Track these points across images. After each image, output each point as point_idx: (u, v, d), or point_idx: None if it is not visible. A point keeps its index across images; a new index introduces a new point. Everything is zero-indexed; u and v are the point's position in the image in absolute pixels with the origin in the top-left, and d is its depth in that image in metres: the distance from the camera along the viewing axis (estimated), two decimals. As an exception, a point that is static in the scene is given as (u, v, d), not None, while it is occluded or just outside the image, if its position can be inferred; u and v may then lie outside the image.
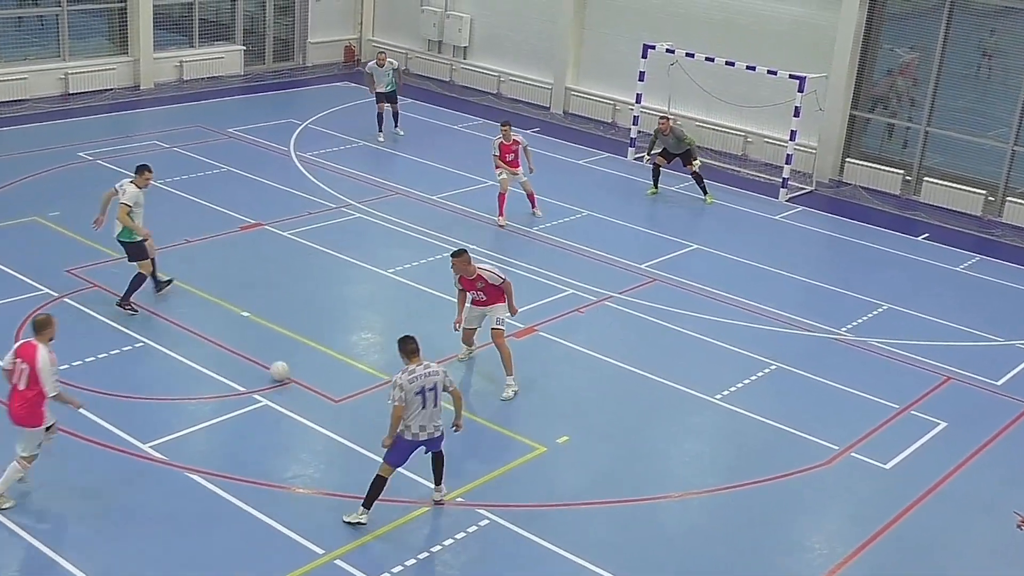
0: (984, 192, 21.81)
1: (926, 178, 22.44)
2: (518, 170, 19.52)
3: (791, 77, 21.65)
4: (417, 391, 10.66)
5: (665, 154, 21.52)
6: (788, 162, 22.02)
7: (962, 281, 18.81)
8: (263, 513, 11.04)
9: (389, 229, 18.68)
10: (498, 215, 19.25)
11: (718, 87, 24.18)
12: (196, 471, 11.57)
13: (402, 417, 10.68)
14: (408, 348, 10.81)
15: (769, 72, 22.04)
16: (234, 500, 11.21)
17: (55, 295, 15.09)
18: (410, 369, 10.69)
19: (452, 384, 10.95)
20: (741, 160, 24.31)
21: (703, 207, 21.21)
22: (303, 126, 24.12)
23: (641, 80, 23.67)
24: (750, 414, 13.70)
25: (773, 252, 19.05)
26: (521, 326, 15.22)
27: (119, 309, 14.72)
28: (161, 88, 26.22)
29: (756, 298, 17.05)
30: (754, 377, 14.63)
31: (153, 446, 11.99)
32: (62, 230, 17.34)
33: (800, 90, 21.47)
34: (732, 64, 22.50)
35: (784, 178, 22.20)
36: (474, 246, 17.97)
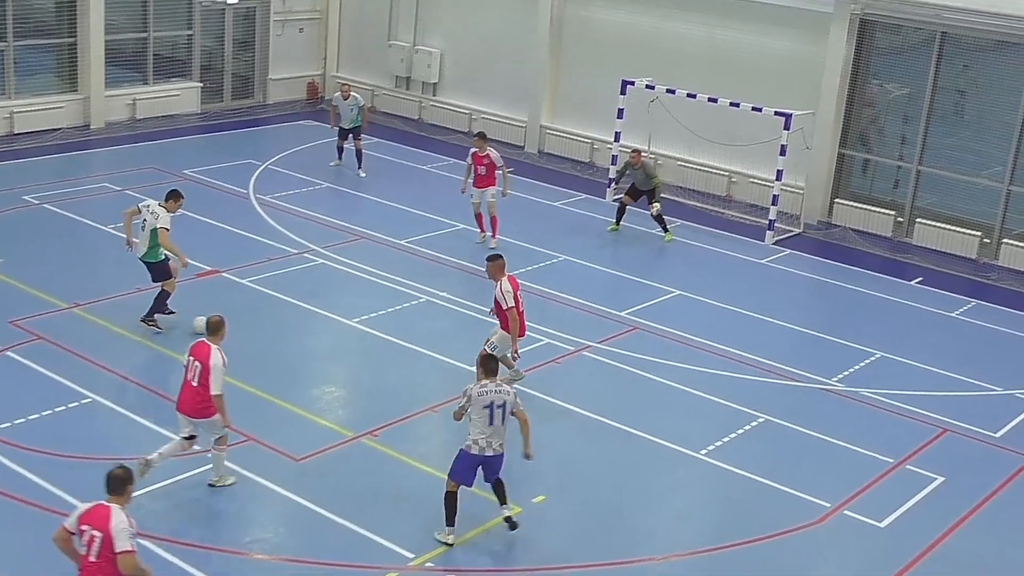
0: (979, 234, 22.04)
1: (919, 219, 22.66)
2: (487, 189, 20.21)
3: (777, 114, 21.88)
4: (485, 405, 11.62)
5: (632, 191, 21.72)
6: (774, 203, 22.20)
7: (958, 327, 18.95)
8: (219, 581, 10.94)
9: (354, 276, 18.67)
10: (480, 232, 20.50)
11: (701, 125, 24.41)
12: (146, 536, 11.44)
13: (460, 418, 11.74)
14: (488, 367, 11.80)
15: (754, 109, 22.26)
16: (188, 568, 11.09)
17: (-3, 348, 15.01)
18: (484, 383, 11.71)
19: (520, 408, 11.81)
20: (725, 201, 24.49)
21: (683, 251, 21.32)
22: (263, 167, 24.15)
23: (620, 117, 23.87)
24: (737, 470, 13.70)
25: (759, 298, 19.15)
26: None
27: (143, 324, 15.86)
28: (113, 127, 26.22)
29: (742, 347, 17.11)
30: (741, 431, 14.65)
31: (101, 510, 11.84)
32: (5, 279, 17.24)
33: (786, 127, 21.70)
34: (715, 101, 22.73)
35: (770, 220, 22.36)
36: (445, 293, 18.02)
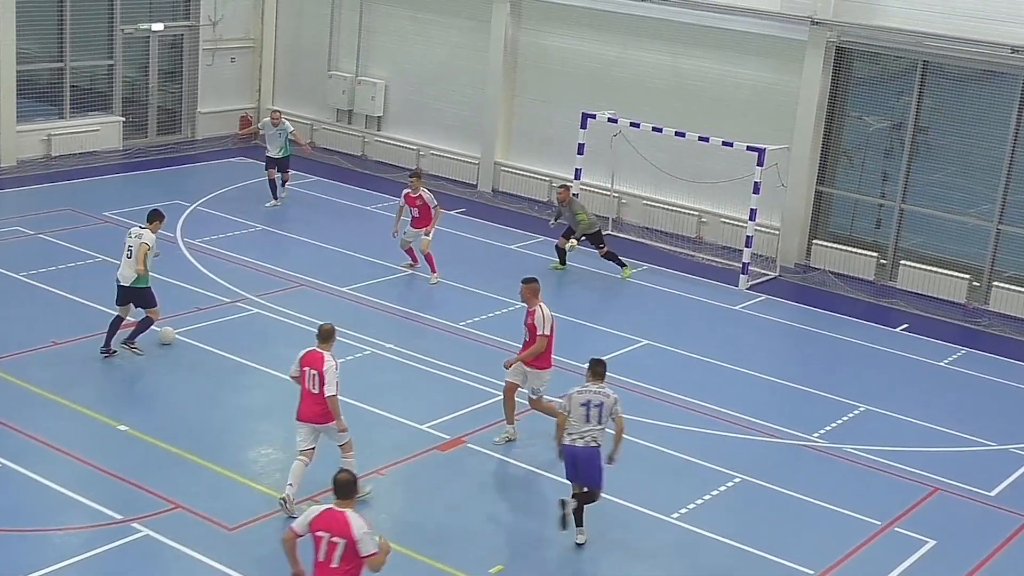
0: (968, 276, 22.29)
1: (903, 261, 22.90)
2: (420, 229, 20.73)
3: (749, 149, 22.09)
4: (582, 403, 13.01)
5: (569, 232, 21.90)
6: (748, 245, 22.36)
7: (947, 377, 19.10)
8: (143, 665, 10.75)
9: (292, 327, 18.56)
10: (411, 263, 21.07)
11: (667, 161, 24.59)
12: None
13: (564, 428, 12.95)
14: (596, 371, 13.30)
15: (724, 144, 22.47)
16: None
17: None
18: (587, 385, 13.19)
19: (620, 414, 13.03)
20: (695, 243, 24.64)
21: (650, 296, 21.40)
22: (192, 208, 24.03)
23: (580, 153, 24.01)
24: (712, 535, 13.68)
25: (733, 347, 19.22)
26: (447, 437, 15.13)
27: (124, 347, 16.79)
28: (25, 166, 26.03)
29: (715, 400, 17.14)
30: (715, 492, 14.64)
31: (11, 588, 11.66)
32: (-95, 332, 17.02)
33: (759, 163, 21.90)
34: (682, 135, 22.93)
35: (744, 263, 22.51)
36: (391, 345, 17.96)
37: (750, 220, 22.31)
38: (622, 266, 22.01)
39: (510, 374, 15.15)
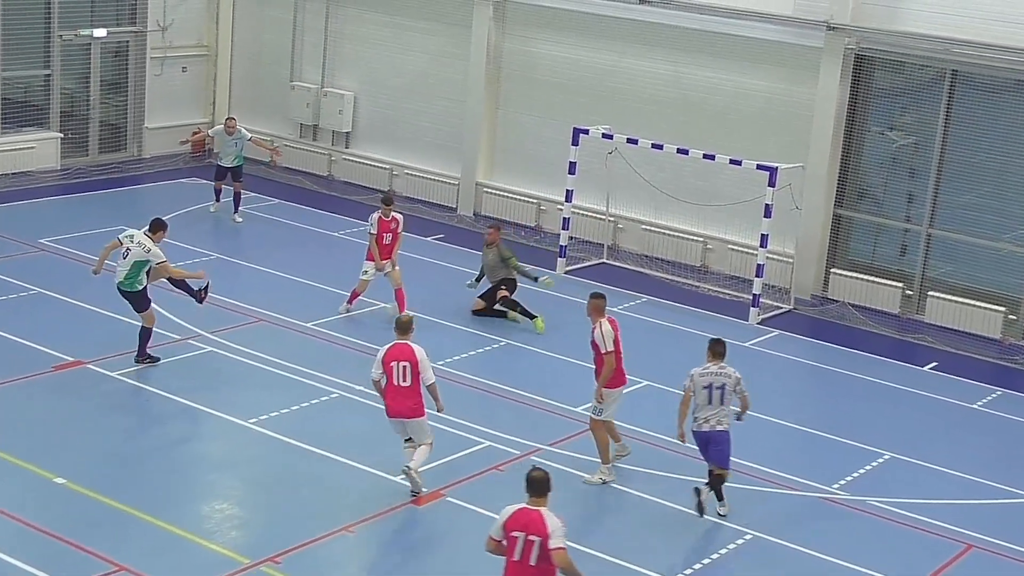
0: (1003, 309, 22.36)
1: (931, 292, 22.97)
2: (387, 261, 20.70)
3: (759, 168, 22.18)
4: (705, 386, 14.82)
5: (498, 285, 21.37)
6: (759, 274, 22.42)
7: (980, 421, 19.14)
8: None
9: (251, 366, 18.53)
10: (347, 302, 20.84)
11: (669, 181, 24.67)
12: None
13: (688, 409, 14.83)
14: (716, 351, 15.14)
15: (732, 162, 22.56)
16: None
17: None
18: (707, 366, 14.95)
19: (744, 392, 14.98)
20: (700, 273, 24.69)
21: (650, 332, 21.41)
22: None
23: (572, 173, 24.07)
24: (721, 599, 13.69)
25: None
26: (425, 491, 15.09)
27: (139, 365, 17.82)
28: (-48, 187, 26.06)
29: (724, 448, 17.14)
30: (724, 551, 14.62)
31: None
32: None
33: (771, 184, 21.98)
34: (685, 152, 23.02)
35: (755, 295, 22.55)
36: (360, 387, 17.92)
37: (761, 247, 22.37)
38: (531, 318, 21.06)
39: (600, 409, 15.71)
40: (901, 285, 23.30)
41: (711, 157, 22.80)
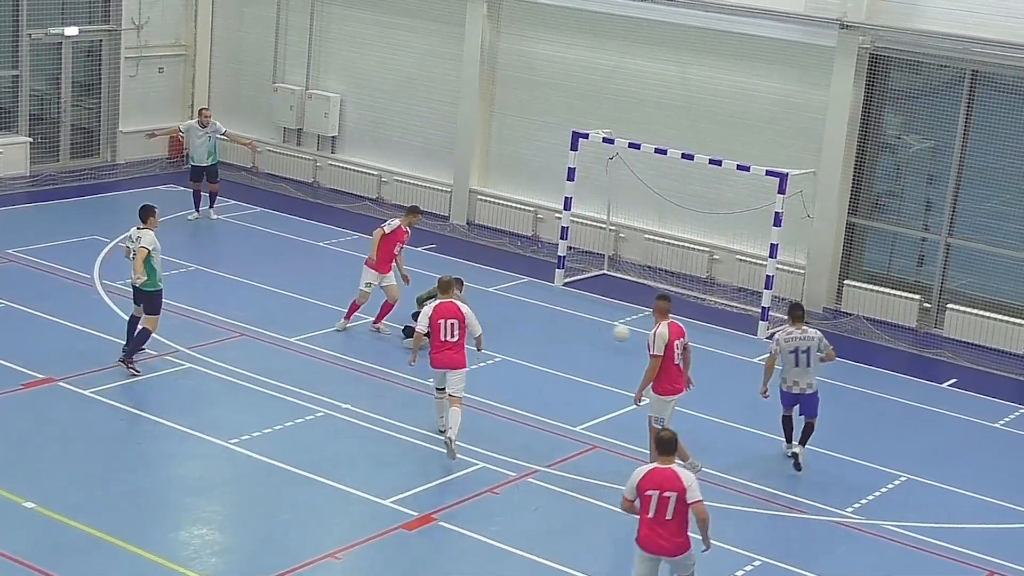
0: (1026, 322, 22.45)
1: (950, 305, 23.02)
2: (388, 273, 20.73)
3: (769, 174, 22.24)
4: (791, 350, 16.94)
5: None
6: (768, 286, 22.47)
7: (1002, 441, 19.19)
8: None
9: (232, 384, 18.56)
10: (344, 318, 20.82)
11: (673, 188, 24.73)
12: None
13: (772, 369, 17.09)
14: (797, 314, 17.20)
15: (740, 168, 22.62)
16: None
17: None
18: (789, 330, 17.04)
19: (829, 347, 17.12)
20: (706, 284, 24.74)
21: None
22: (112, 245, 24.04)
23: (571, 179, 24.13)
24: (728, 628, 13.75)
25: (750, 406, 19.23)
26: (414, 514, 15.14)
27: (122, 365, 18.23)
28: (-85, 195, 26.11)
29: (731, 470, 17.18)
30: (732, 577, 14.70)
31: None
32: None
33: (781, 191, 22.05)
34: (690, 158, 23.06)
35: (764, 307, 22.61)
36: (348, 405, 17.98)
37: (770, 257, 22.41)
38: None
39: (650, 409, 16.38)
40: (918, 297, 23.34)
41: (718, 163, 22.86)
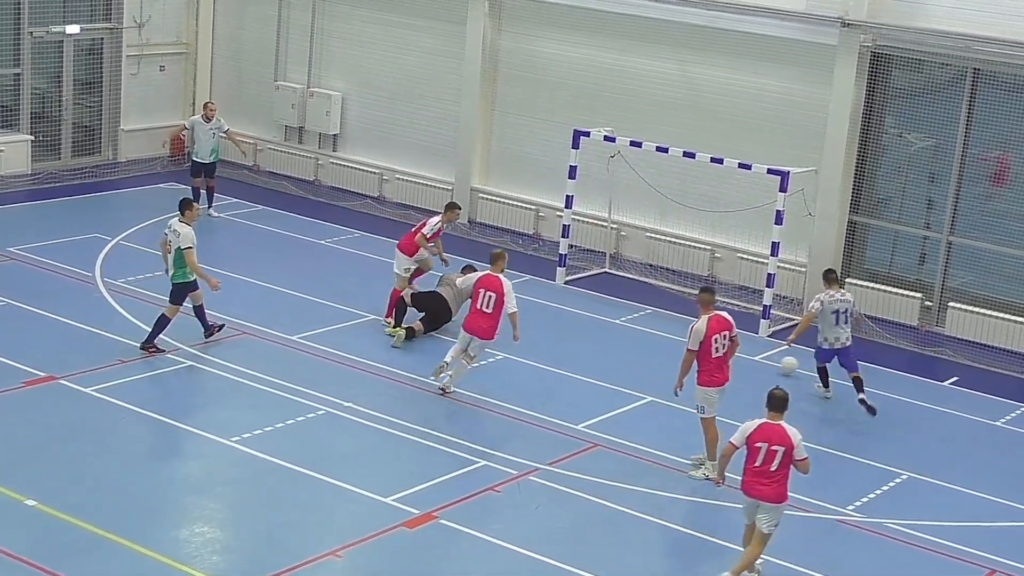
0: (1028, 321, 22.46)
1: (951, 303, 23.03)
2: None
3: (770, 172, 22.26)
4: (833, 311, 19.18)
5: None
6: (770, 284, 22.49)
7: (1004, 440, 19.21)
8: None
9: (233, 382, 18.58)
10: (386, 315, 20.92)
11: (674, 186, 24.74)
12: None
13: (810, 324, 19.42)
14: (832, 277, 19.53)
15: (741, 166, 22.64)
16: None
17: None
18: (830, 292, 19.29)
19: (857, 311, 20.52)
20: (707, 282, 24.74)
21: (655, 345, 21.49)
22: (113, 243, 24.08)
23: (572, 177, 24.14)
24: (729, 626, 13.76)
25: (752, 405, 19.08)
26: (415, 512, 15.16)
27: (142, 352, 18.80)
28: (-84, 193, 26.14)
29: (731, 467, 17.13)
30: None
31: None
32: None
33: (783, 189, 22.06)
34: (692, 156, 23.08)
35: (765, 306, 22.62)
36: (350, 403, 18.00)
37: (772, 255, 22.44)
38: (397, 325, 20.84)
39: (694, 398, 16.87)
40: (920, 296, 23.36)
41: (719, 161, 22.87)
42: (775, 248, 22.34)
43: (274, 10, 29.88)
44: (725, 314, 16.95)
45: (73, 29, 28.53)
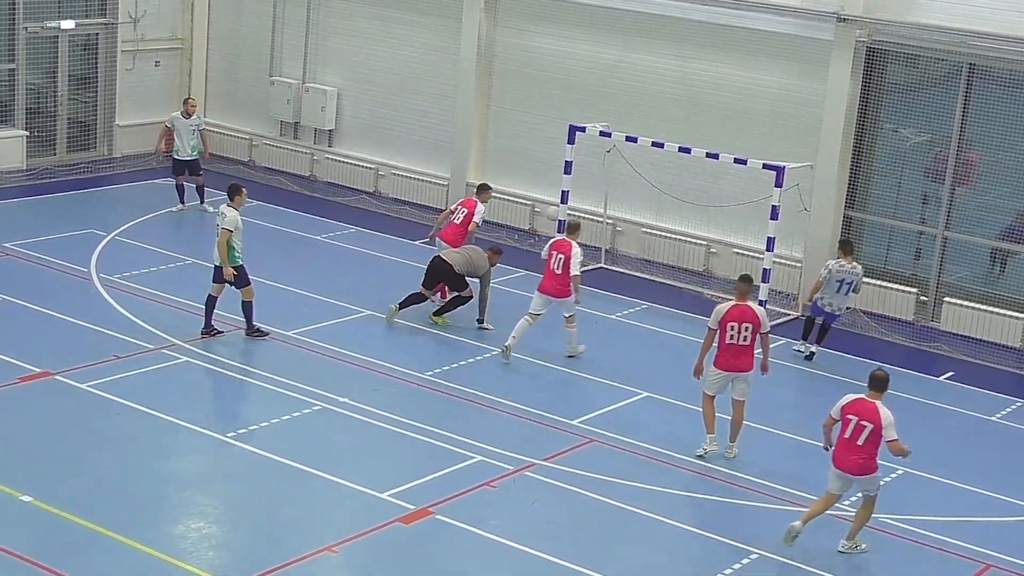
0: (1022, 316, 22.41)
1: (947, 298, 23.06)
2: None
3: (766, 167, 22.25)
4: (839, 279, 20.61)
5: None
6: (765, 279, 22.47)
7: (999, 434, 19.22)
8: None
9: (230, 378, 18.58)
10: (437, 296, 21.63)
11: (670, 181, 24.75)
12: None
13: (818, 291, 20.80)
14: (846, 248, 20.85)
15: (737, 161, 22.63)
16: None
17: None
18: (841, 262, 20.68)
19: (861, 285, 21.15)
20: (703, 277, 24.77)
21: (651, 340, 21.50)
22: (109, 238, 24.07)
23: (568, 173, 24.12)
24: (725, 622, 13.78)
25: (749, 400, 19.28)
26: (411, 508, 15.17)
27: (250, 339, 19.62)
28: (-89, 189, 26.11)
29: (727, 462, 17.21)
30: (728, 571, 14.68)
31: None
32: None
33: (778, 184, 22.06)
34: (687, 151, 23.08)
35: (761, 300, 22.61)
36: (346, 399, 18.00)
37: (767, 250, 22.42)
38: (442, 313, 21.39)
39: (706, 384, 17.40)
40: (915, 291, 23.38)
41: (715, 156, 22.85)
42: (771, 243, 22.33)
43: (269, 5, 29.85)
44: (755, 306, 17.32)
45: (68, 24, 28.51)
